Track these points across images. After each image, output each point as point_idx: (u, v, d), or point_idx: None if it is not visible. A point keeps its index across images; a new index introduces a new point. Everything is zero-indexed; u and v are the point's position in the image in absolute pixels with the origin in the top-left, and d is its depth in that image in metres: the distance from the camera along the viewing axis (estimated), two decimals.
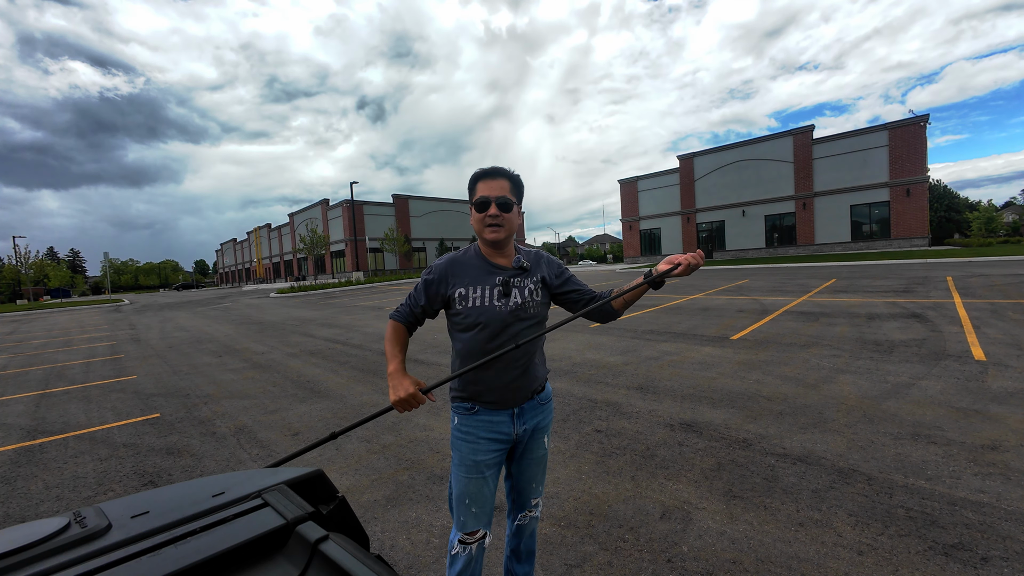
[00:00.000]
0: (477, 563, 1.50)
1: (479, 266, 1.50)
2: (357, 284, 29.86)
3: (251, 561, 0.72)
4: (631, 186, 39.06)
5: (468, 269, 1.50)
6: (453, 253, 1.55)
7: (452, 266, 1.51)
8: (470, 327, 1.47)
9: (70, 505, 2.94)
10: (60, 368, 7.86)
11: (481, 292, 1.46)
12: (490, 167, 1.48)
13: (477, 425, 1.50)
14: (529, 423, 1.55)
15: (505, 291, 1.47)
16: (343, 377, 5.80)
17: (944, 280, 11.53)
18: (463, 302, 1.47)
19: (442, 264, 1.52)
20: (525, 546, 1.69)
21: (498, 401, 1.49)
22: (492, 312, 1.45)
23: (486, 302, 1.46)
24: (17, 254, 37.04)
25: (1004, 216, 41.60)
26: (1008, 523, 2.14)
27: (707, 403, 3.97)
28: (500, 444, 1.51)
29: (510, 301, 1.47)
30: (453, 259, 1.53)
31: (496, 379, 1.47)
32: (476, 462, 1.48)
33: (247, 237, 71.98)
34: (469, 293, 1.46)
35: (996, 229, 32.61)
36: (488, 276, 1.48)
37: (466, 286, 1.47)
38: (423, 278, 1.53)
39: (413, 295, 1.55)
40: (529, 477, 1.61)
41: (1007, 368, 4.38)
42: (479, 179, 1.47)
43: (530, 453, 1.59)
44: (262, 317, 14.49)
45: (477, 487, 1.48)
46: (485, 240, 1.49)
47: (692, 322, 8.01)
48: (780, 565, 1.98)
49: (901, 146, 26.12)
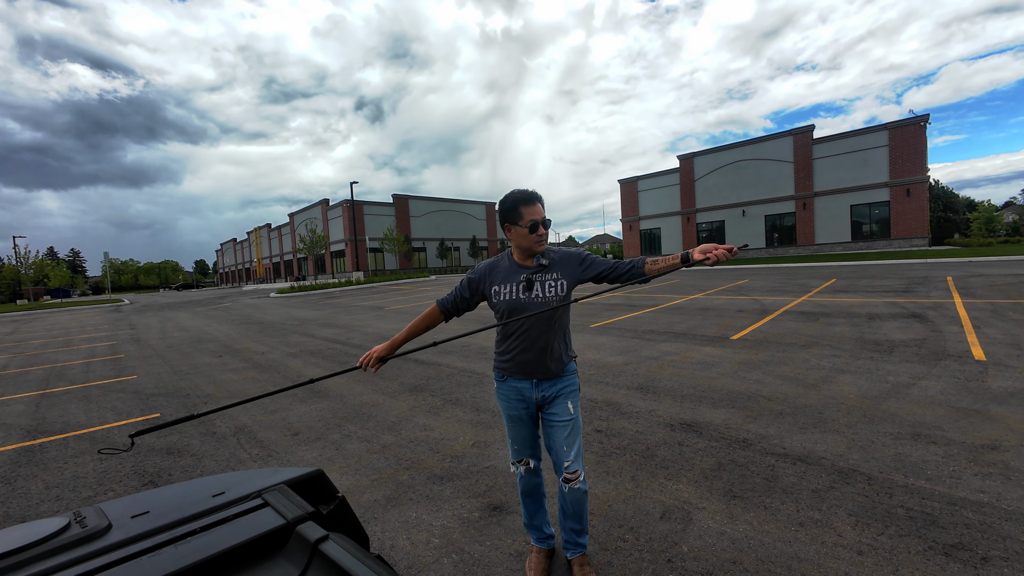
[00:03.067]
0: (531, 481, 2.03)
1: (509, 268, 1.93)
2: (357, 284, 29.86)
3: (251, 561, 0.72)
4: (631, 186, 39.05)
5: (501, 271, 1.93)
6: (491, 260, 1.98)
7: (490, 269, 1.96)
8: (500, 313, 1.91)
9: (70, 505, 2.94)
10: (60, 368, 7.86)
11: (509, 288, 1.88)
12: (528, 192, 1.83)
13: (508, 389, 1.97)
14: (548, 391, 1.93)
15: (528, 285, 1.86)
16: (343, 377, 5.80)
17: (944, 280, 11.53)
18: (497, 296, 1.90)
19: (483, 267, 1.98)
20: (570, 507, 1.95)
21: (521, 372, 1.92)
22: (519, 304, 1.86)
23: (512, 295, 1.87)
24: (17, 254, 37.00)
25: (1004, 216, 41.59)
26: (1008, 523, 2.14)
27: (707, 403, 3.97)
28: (524, 403, 1.96)
29: (533, 293, 1.86)
30: (491, 264, 1.98)
31: (519, 357, 1.90)
32: (509, 415, 1.99)
33: (247, 237, 71.97)
34: (500, 289, 1.90)
35: (996, 229, 32.59)
36: (515, 275, 1.90)
37: (498, 284, 1.91)
38: (468, 276, 1.99)
39: (459, 288, 1.98)
40: (557, 440, 1.92)
41: (1007, 368, 4.38)
42: (521, 204, 1.81)
43: (554, 416, 1.93)
44: (262, 317, 14.49)
45: (515, 431, 2.00)
46: (535, 252, 1.87)
47: (692, 322, 8.01)
48: (780, 565, 1.98)
49: (901, 146, 26.10)
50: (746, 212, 32.30)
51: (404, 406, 4.46)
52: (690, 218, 35.19)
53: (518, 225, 1.83)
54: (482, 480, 2.90)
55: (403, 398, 4.72)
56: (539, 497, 2.06)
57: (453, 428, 3.81)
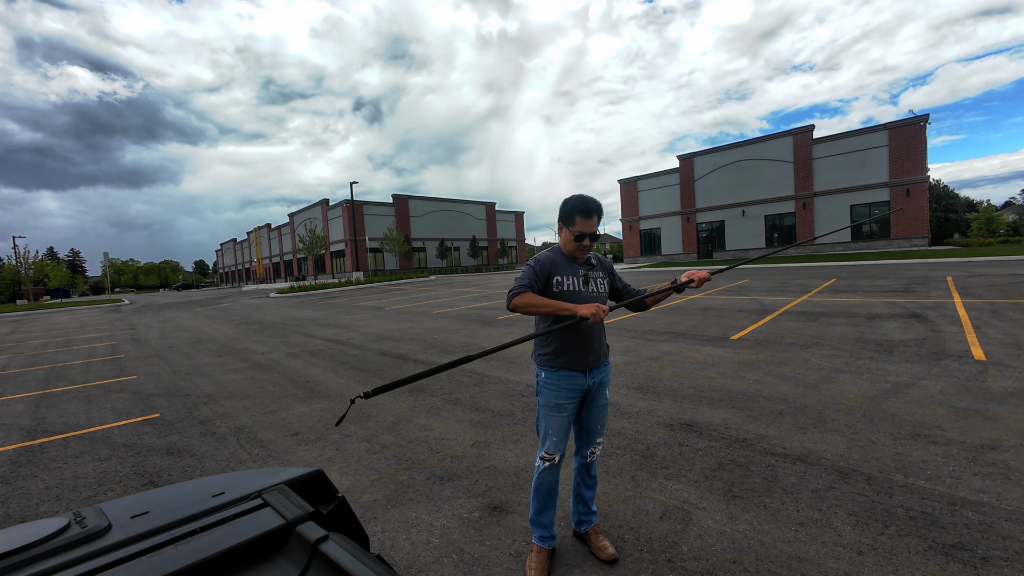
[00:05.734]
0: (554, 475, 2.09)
1: (566, 263, 2.10)
2: (357, 284, 29.86)
3: (251, 561, 0.72)
4: (631, 186, 39.04)
5: (560, 264, 2.08)
6: (547, 254, 2.10)
7: (551, 262, 2.07)
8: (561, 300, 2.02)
9: (70, 505, 2.94)
10: (60, 368, 7.86)
11: (572, 280, 2.06)
12: (590, 204, 2.00)
13: (560, 377, 2.05)
14: (596, 378, 2.13)
15: (585, 281, 2.08)
16: (343, 377, 5.80)
17: (944, 280, 11.53)
18: (559, 287, 2.04)
19: (544, 259, 2.08)
20: (591, 478, 2.21)
21: (577, 363, 2.05)
22: (579, 295, 2.04)
23: (575, 287, 2.05)
24: (17, 254, 36.99)
25: (1004, 216, 41.58)
26: (1008, 523, 2.14)
27: (707, 403, 3.97)
28: (575, 393, 2.07)
29: (589, 287, 2.08)
30: (549, 257, 2.09)
31: (580, 346, 2.04)
32: (557, 404, 2.05)
33: (247, 237, 71.95)
34: (564, 280, 2.05)
35: (996, 229, 32.59)
36: (574, 270, 2.09)
37: (561, 276, 2.06)
38: (534, 267, 2.05)
39: (529, 275, 2.03)
40: (596, 421, 2.17)
41: (1007, 368, 4.38)
42: (578, 213, 2.00)
43: (597, 401, 2.15)
44: (262, 317, 14.49)
45: (559, 422, 2.06)
46: (574, 257, 2.09)
47: (692, 322, 8.01)
48: (780, 565, 1.98)
49: (901, 146, 26.10)
50: (746, 212, 32.30)
51: (404, 406, 4.46)
52: (690, 218, 35.19)
53: (568, 229, 2.06)
54: (482, 480, 2.90)
55: (403, 398, 4.72)
56: (555, 494, 2.13)
57: (453, 428, 3.81)
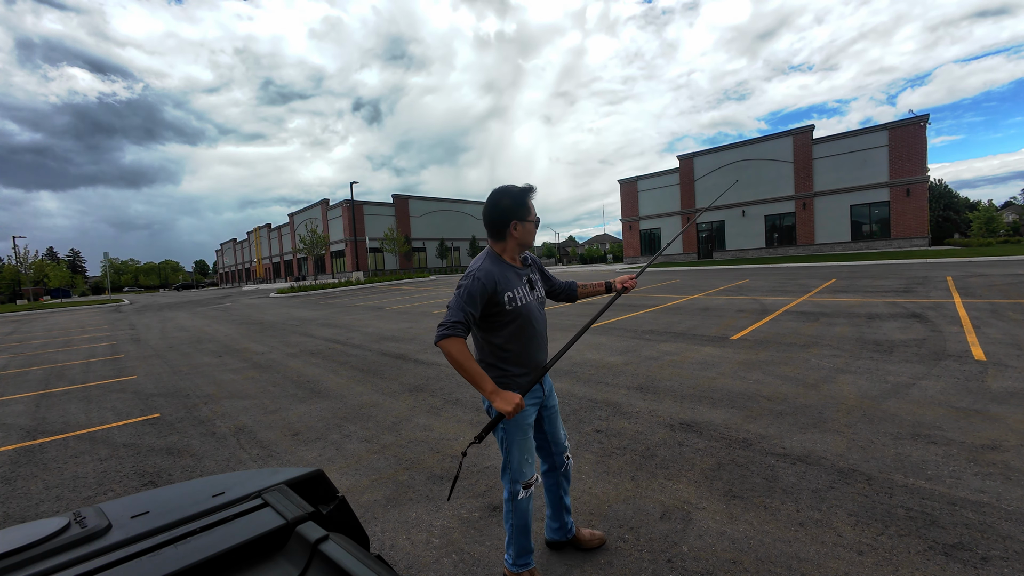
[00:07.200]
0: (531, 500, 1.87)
1: (510, 269, 1.78)
2: (357, 284, 29.85)
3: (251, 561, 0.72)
4: (631, 186, 39.05)
5: (505, 276, 1.75)
6: (484, 264, 1.73)
7: (496, 275, 1.72)
8: (515, 321, 1.75)
9: (70, 505, 2.94)
10: (60, 368, 7.86)
11: (521, 291, 1.77)
12: (528, 185, 1.79)
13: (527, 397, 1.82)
14: (547, 383, 1.94)
15: (531, 286, 1.83)
16: (343, 377, 5.80)
17: (944, 280, 11.53)
18: (513, 303, 1.73)
19: (484, 276, 1.69)
20: (567, 482, 2.08)
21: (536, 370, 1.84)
22: (531, 306, 1.79)
23: (526, 299, 1.77)
24: (17, 254, 37.00)
25: (1004, 216, 41.58)
26: (1008, 523, 2.14)
27: (707, 403, 3.97)
28: (537, 405, 1.88)
29: (535, 293, 1.84)
30: (491, 269, 1.72)
31: (535, 358, 1.83)
32: (528, 424, 1.82)
33: (247, 237, 71.94)
34: (516, 294, 1.75)
35: (996, 229, 32.59)
36: (518, 277, 1.80)
37: (512, 289, 1.74)
38: (470, 291, 1.65)
39: (464, 307, 1.63)
40: (557, 425, 2.02)
41: (1007, 368, 4.38)
42: (528, 196, 1.76)
43: (553, 406, 1.99)
44: (262, 317, 14.49)
45: (529, 444, 1.84)
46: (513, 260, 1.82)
47: (692, 322, 8.01)
48: (780, 565, 1.98)
49: (901, 146, 26.10)
50: (746, 212, 32.30)
51: (404, 406, 4.46)
52: (690, 218, 35.21)
53: (527, 220, 1.74)
54: (482, 480, 2.90)
55: (403, 398, 4.72)
56: None
57: (453, 428, 3.81)
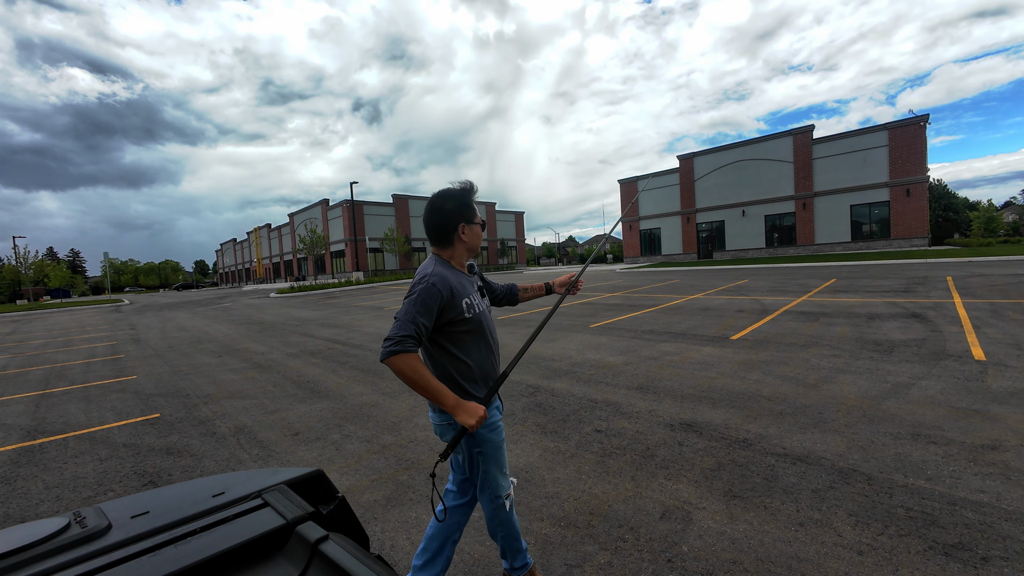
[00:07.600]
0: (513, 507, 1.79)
1: (462, 275, 1.66)
2: (357, 284, 29.85)
3: (251, 561, 0.72)
4: (631, 186, 39.06)
5: (460, 280, 1.62)
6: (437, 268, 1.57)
7: (452, 280, 1.57)
8: (474, 331, 1.63)
9: (70, 505, 2.94)
10: (60, 368, 7.86)
11: (476, 299, 1.66)
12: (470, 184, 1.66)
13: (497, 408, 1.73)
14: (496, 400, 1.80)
15: (483, 293, 1.75)
16: (343, 377, 5.80)
17: (944, 280, 11.53)
18: (471, 311, 1.60)
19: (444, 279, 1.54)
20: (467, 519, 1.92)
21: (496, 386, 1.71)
22: (485, 314, 1.69)
23: (481, 307, 1.66)
24: (17, 254, 37.00)
25: (1004, 216, 41.58)
26: (1008, 523, 2.14)
27: (707, 403, 3.97)
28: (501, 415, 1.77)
29: (485, 300, 1.74)
30: (445, 274, 1.57)
31: (494, 370, 1.72)
32: (502, 439, 1.72)
33: (247, 237, 71.95)
34: (474, 301, 1.62)
35: (996, 229, 32.60)
36: (472, 283, 1.69)
37: (468, 295, 1.61)
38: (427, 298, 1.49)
39: (416, 319, 1.47)
40: None
41: (1007, 368, 4.37)
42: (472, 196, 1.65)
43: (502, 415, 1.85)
44: (262, 317, 14.49)
45: (504, 457, 1.74)
46: (478, 251, 1.73)
47: (692, 322, 8.01)
48: (780, 565, 1.98)
49: (901, 146, 26.11)
50: (746, 212, 32.30)
51: (404, 406, 4.46)
52: (690, 218, 35.19)
53: (474, 223, 1.64)
54: None
55: (403, 398, 4.72)
56: None
57: None
